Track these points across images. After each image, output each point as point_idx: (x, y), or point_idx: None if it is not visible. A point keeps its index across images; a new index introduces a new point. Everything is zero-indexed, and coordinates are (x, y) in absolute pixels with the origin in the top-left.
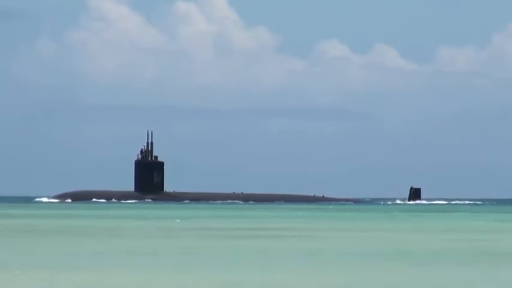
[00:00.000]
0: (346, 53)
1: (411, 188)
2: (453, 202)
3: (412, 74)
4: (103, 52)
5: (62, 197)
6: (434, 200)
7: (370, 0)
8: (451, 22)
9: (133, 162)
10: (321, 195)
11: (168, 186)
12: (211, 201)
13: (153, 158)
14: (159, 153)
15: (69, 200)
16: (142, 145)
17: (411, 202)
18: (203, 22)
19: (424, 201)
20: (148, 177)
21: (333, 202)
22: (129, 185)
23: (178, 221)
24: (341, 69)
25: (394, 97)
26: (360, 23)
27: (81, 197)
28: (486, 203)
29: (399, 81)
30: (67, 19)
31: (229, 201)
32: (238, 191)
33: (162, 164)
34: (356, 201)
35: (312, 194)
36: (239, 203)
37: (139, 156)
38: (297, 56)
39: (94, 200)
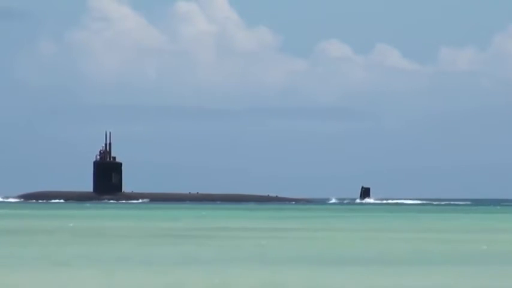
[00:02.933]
0: (348, 53)
1: (362, 187)
2: (401, 201)
3: (413, 74)
4: (104, 52)
5: (23, 197)
6: (384, 199)
7: (371, 0)
8: (453, 23)
9: (92, 163)
10: (275, 195)
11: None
12: (168, 201)
13: (111, 159)
14: (161, 152)
15: (33, 200)
16: (101, 146)
17: (361, 201)
18: (204, 22)
19: (372, 200)
20: (106, 178)
21: (293, 202)
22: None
23: None
24: (343, 69)
25: (396, 97)
26: (361, 23)
27: (42, 197)
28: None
29: (401, 81)
30: (68, 19)
31: (187, 201)
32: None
33: (120, 164)
34: (308, 201)
35: (266, 194)
36: (192, 203)
37: (98, 157)
38: (299, 56)
39: (51, 200)
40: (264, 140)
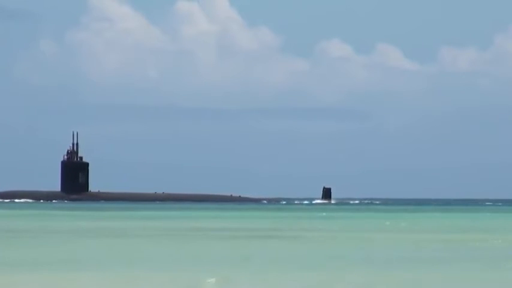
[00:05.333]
0: (349, 53)
1: (324, 187)
2: (360, 202)
3: (414, 74)
4: (105, 52)
5: None
6: (346, 199)
7: (373, 0)
8: (454, 23)
9: (60, 163)
10: (238, 195)
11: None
12: (133, 201)
13: (78, 159)
14: (161, 152)
15: None
16: (68, 146)
17: (323, 201)
18: (205, 22)
19: (333, 201)
20: (73, 177)
21: (263, 202)
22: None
23: None
24: (344, 69)
25: (397, 97)
26: (362, 23)
27: (8, 196)
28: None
29: (402, 81)
30: (69, 19)
31: (156, 200)
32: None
33: (87, 164)
34: (270, 201)
35: (229, 194)
36: (157, 203)
37: (65, 157)
38: (300, 56)
39: (17, 200)
40: (264, 140)
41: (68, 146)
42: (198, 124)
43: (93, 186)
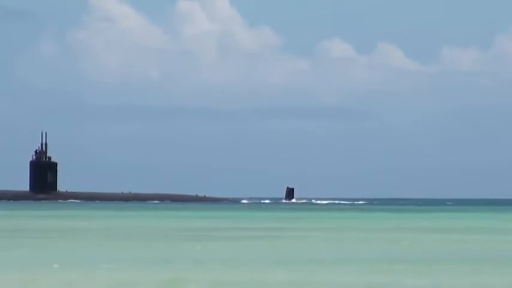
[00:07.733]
0: (350, 53)
1: (287, 187)
2: (318, 201)
3: (416, 74)
4: (106, 52)
5: None
6: (309, 199)
7: (374, 0)
8: (455, 23)
9: (29, 162)
10: (203, 195)
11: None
12: (101, 201)
13: (47, 159)
14: (162, 152)
15: None
16: (37, 146)
17: (287, 201)
18: (206, 22)
19: (296, 200)
20: (42, 177)
21: (223, 201)
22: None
23: None
24: (345, 69)
25: (398, 97)
26: (364, 23)
27: None
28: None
29: (403, 81)
30: (70, 19)
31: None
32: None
33: (56, 164)
34: (236, 201)
35: (194, 194)
36: (124, 203)
37: (34, 156)
38: (301, 55)
39: None
40: (265, 140)
41: (37, 146)
42: (199, 124)
43: (61, 186)
